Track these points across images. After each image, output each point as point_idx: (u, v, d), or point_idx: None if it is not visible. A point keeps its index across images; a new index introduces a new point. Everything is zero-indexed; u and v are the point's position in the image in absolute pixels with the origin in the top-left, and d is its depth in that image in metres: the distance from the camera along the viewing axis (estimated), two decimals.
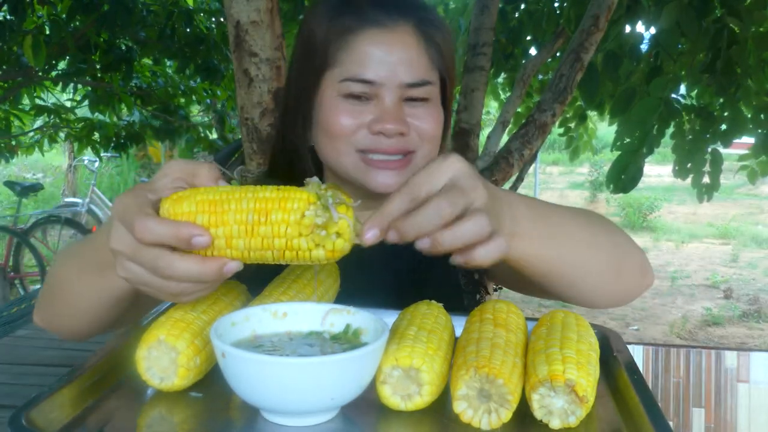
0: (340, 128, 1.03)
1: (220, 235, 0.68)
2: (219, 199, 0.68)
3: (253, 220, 0.67)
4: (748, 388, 2.11)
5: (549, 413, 0.68)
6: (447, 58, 1.08)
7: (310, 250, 0.68)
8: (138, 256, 0.68)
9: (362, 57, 1.02)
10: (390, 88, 1.02)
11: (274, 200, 0.68)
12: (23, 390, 2.82)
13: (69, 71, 4.79)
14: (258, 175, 1.85)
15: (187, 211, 0.68)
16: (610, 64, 3.06)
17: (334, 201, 0.68)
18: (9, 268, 6.23)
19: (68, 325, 0.96)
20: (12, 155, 5.80)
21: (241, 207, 0.68)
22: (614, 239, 0.94)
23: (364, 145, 1.03)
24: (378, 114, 1.02)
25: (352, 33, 1.03)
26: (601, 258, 0.91)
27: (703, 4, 2.67)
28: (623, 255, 0.95)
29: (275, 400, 0.65)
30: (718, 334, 6.54)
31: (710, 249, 10.16)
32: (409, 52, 1.03)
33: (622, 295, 0.98)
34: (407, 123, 1.02)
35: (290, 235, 0.67)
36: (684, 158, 3.27)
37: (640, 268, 0.97)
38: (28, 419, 0.63)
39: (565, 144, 5.06)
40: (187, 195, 0.69)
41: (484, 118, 4.22)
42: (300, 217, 0.67)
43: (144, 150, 11.89)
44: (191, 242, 0.66)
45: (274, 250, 0.68)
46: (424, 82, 1.03)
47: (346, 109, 1.03)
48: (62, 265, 0.96)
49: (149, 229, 0.66)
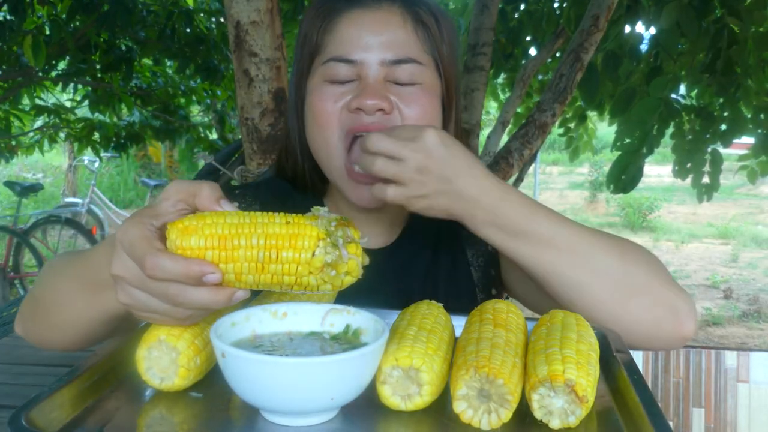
0: (323, 112, 1.00)
1: (230, 270, 0.68)
2: (228, 234, 0.68)
3: (263, 257, 0.68)
4: (748, 388, 2.11)
5: (549, 413, 0.68)
6: (439, 40, 1.04)
7: (319, 285, 0.70)
8: (145, 286, 0.68)
9: (344, 37, 1.00)
10: (372, 67, 0.99)
11: (284, 237, 0.68)
12: (23, 390, 2.81)
13: (69, 71, 4.79)
14: (259, 174, 1.85)
15: (196, 246, 0.68)
16: (610, 64, 3.06)
17: (344, 240, 0.68)
18: (9, 268, 6.23)
19: (52, 338, 0.94)
20: (12, 155, 5.80)
21: (251, 243, 0.68)
22: (629, 270, 0.92)
23: (348, 126, 0.99)
24: (358, 92, 0.99)
25: (338, 15, 1.01)
26: (602, 280, 0.91)
27: (703, 4, 2.67)
28: (640, 288, 0.92)
29: (275, 400, 0.65)
30: (718, 334, 6.54)
31: (710, 249, 10.16)
32: (395, 32, 1.00)
33: (641, 329, 0.92)
34: (390, 101, 0.98)
35: (300, 273, 0.68)
36: (684, 158, 3.27)
37: (670, 309, 0.92)
38: (28, 419, 0.63)
39: (565, 144, 5.06)
40: (194, 226, 0.69)
41: (484, 118, 4.22)
42: (310, 257, 0.68)
43: (144, 150, 11.91)
44: (202, 280, 0.66)
45: (283, 285, 0.70)
46: (409, 59, 0.99)
47: (328, 92, 1.01)
48: (51, 278, 0.94)
49: (160, 267, 0.65)
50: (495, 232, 0.91)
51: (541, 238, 0.91)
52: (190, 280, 0.66)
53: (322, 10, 1.03)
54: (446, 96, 1.07)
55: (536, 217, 0.91)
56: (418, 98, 1.01)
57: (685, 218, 12.40)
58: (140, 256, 0.66)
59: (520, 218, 0.90)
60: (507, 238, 0.91)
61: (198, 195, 0.72)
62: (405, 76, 1.00)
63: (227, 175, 1.91)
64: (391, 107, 0.98)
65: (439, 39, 1.04)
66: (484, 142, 3.85)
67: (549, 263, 0.92)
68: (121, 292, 0.70)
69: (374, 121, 0.98)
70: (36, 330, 0.96)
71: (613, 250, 0.93)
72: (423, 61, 1.01)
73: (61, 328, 0.91)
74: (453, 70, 1.07)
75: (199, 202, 0.72)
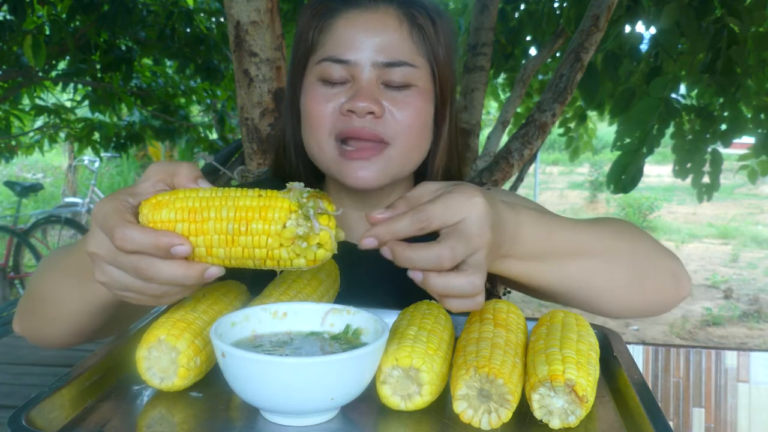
0: (316, 114, 1.00)
1: (200, 244, 0.67)
2: (198, 207, 0.68)
3: (233, 230, 0.67)
4: (748, 388, 2.11)
5: (549, 413, 0.68)
6: (435, 42, 1.03)
7: (291, 259, 0.68)
8: (118, 260, 0.68)
9: (339, 38, 1.00)
10: (365, 68, 0.98)
11: (254, 209, 0.67)
12: (23, 390, 2.81)
13: (69, 71, 4.79)
14: (259, 174, 1.85)
15: (167, 219, 0.67)
16: (610, 64, 3.06)
17: (316, 211, 0.67)
18: (9, 268, 6.23)
19: (48, 333, 0.94)
20: (12, 155, 5.80)
21: (221, 215, 0.67)
22: (638, 250, 0.92)
23: (339, 129, 0.99)
24: (351, 94, 0.98)
25: (333, 16, 1.01)
26: (620, 273, 0.90)
27: (703, 4, 2.67)
28: (648, 266, 0.92)
29: (275, 400, 0.65)
30: (718, 334, 6.54)
31: (710, 249, 10.16)
32: (390, 34, 0.99)
33: (651, 307, 0.95)
34: (382, 105, 0.98)
35: (271, 245, 0.67)
36: (684, 158, 3.27)
37: (673, 277, 0.94)
38: (28, 419, 0.63)
39: (565, 144, 5.06)
40: (166, 200, 0.69)
41: (484, 118, 4.22)
42: (281, 228, 0.66)
43: (144, 150, 11.88)
44: (171, 252, 0.66)
45: (255, 259, 0.68)
46: (402, 62, 0.99)
47: (322, 93, 1.00)
48: (44, 273, 0.94)
49: (129, 238, 0.65)
50: (511, 263, 0.81)
51: (560, 254, 0.84)
52: (159, 252, 0.66)
53: (319, 9, 1.03)
54: (440, 97, 1.06)
55: (552, 235, 0.83)
56: (411, 102, 1.00)
57: (685, 218, 12.40)
58: (111, 227, 0.66)
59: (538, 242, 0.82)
60: (524, 264, 0.83)
61: (176, 174, 0.73)
62: (398, 78, 0.99)
63: (227, 175, 1.91)
64: (381, 111, 0.98)
65: (435, 41, 1.03)
66: (484, 142, 3.85)
67: (568, 277, 0.86)
68: (97, 269, 0.70)
69: (365, 126, 0.97)
70: (33, 326, 0.96)
71: (619, 238, 0.91)
72: (417, 64, 1.01)
73: (56, 322, 0.90)
74: (448, 72, 1.06)
75: (177, 181, 0.73)
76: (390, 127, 0.99)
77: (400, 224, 0.69)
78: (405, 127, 1.00)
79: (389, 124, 0.99)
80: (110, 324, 0.91)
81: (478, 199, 0.69)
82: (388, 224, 0.69)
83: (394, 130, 0.99)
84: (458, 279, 0.68)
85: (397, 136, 1.00)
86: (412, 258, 0.68)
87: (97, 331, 0.92)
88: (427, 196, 0.72)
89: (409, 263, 0.68)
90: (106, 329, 0.93)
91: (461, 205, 0.68)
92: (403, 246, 0.69)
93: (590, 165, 13.95)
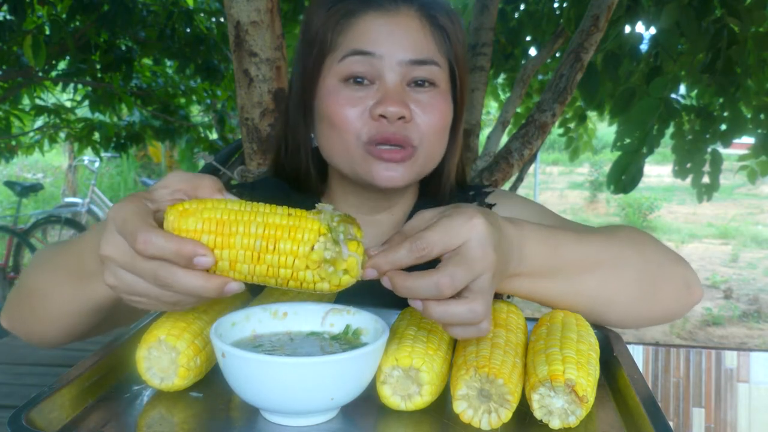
0: (343, 118, 0.98)
1: (225, 257, 0.66)
2: (227, 220, 0.66)
3: (260, 246, 0.65)
4: (748, 388, 2.11)
5: (549, 413, 0.68)
6: (455, 44, 1.03)
7: (315, 282, 0.67)
8: (134, 266, 0.66)
9: (363, 34, 0.98)
10: (392, 66, 0.97)
11: (283, 228, 0.66)
12: (23, 390, 2.81)
13: (69, 71, 4.79)
14: (259, 174, 1.85)
15: (193, 229, 0.66)
16: (610, 64, 3.06)
17: (345, 236, 0.66)
18: (9, 268, 6.23)
19: (39, 330, 0.93)
20: (12, 155, 5.80)
21: (249, 231, 0.65)
22: (648, 259, 0.91)
23: (369, 135, 0.97)
24: (379, 97, 0.97)
25: (353, 17, 1.00)
26: (631, 285, 0.89)
27: (703, 4, 2.67)
28: (659, 276, 0.92)
29: (275, 400, 0.65)
30: (718, 334, 6.54)
31: (710, 249, 10.16)
32: (414, 35, 0.99)
33: (664, 315, 0.95)
34: (410, 108, 0.97)
35: (297, 266, 0.66)
36: (684, 158, 3.27)
37: (684, 284, 0.94)
38: (28, 419, 0.63)
39: (565, 144, 5.06)
40: (193, 208, 0.67)
41: (484, 118, 4.22)
42: (308, 250, 0.65)
43: (144, 150, 11.89)
44: (193, 261, 0.64)
45: (278, 279, 0.67)
46: (429, 60, 0.99)
47: (347, 96, 0.98)
48: (38, 268, 0.93)
49: (152, 243, 0.63)
50: (521, 282, 0.80)
51: (570, 269, 0.84)
52: (181, 260, 0.64)
53: (337, 9, 1.01)
54: (459, 97, 1.07)
55: (560, 249, 0.83)
56: (435, 104, 1.00)
57: (685, 218, 12.39)
58: (132, 231, 0.64)
59: (546, 258, 0.81)
60: (534, 282, 0.82)
61: (199, 187, 0.72)
62: (424, 75, 0.99)
63: (227, 175, 1.91)
64: (411, 115, 0.98)
65: (456, 42, 1.04)
66: (484, 142, 3.85)
67: (579, 292, 0.86)
68: (108, 273, 0.68)
69: (396, 131, 0.97)
70: (22, 322, 0.94)
71: (628, 247, 0.91)
72: (440, 63, 1.01)
73: (47, 319, 0.89)
74: (465, 73, 1.07)
75: (201, 194, 0.71)
76: (418, 130, 0.99)
77: (399, 254, 0.67)
78: (431, 131, 1.00)
79: (417, 127, 0.99)
80: (104, 325, 0.90)
81: (478, 220, 0.67)
82: (386, 254, 0.68)
83: (420, 133, 0.99)
84: (458, 307, 0.66)
85: (423, 139, 1.00)
86: (410, 287, 0.66)
87: (90, 331, 0.91)
88: (425, 224, 0.71)
89: (408, 293, 0.67)
90: (98, 329, 0.92)
91: (461, 228, 0.67)
92: (401, 275, 0.67)
93: (590, 165, 13.95)
